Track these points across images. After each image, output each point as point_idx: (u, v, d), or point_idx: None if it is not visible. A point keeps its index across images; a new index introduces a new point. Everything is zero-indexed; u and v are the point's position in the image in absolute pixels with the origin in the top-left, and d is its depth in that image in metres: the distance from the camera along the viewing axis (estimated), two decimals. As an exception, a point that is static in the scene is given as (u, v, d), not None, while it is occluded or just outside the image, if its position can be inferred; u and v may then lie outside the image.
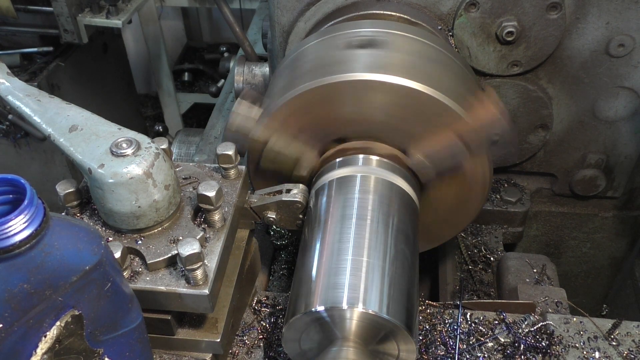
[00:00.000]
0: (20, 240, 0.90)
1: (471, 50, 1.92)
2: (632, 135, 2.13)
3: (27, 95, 1.40)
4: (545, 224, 2.44)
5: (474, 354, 1.56)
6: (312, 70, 1.57)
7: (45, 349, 1.00)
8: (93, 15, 3.81)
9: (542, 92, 2.02)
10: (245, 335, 1.62)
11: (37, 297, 0.95)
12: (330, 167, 1.58)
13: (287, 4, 1.92)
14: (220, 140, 2.89)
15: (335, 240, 1.38)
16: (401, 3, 1.87)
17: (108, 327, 1.12)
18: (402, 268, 1.37)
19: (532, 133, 2.11)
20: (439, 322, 1.65)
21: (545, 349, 1.55)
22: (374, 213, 1.43)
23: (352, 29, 1.68)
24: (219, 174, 1.53)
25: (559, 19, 1.83)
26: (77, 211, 1.42)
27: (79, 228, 1.04)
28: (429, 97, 1.46)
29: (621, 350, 1.54)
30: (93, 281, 1.04)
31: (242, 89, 2.25)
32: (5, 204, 0.98)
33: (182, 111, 5.84)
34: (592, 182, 2.25)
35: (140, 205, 1.29)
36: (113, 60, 4.71)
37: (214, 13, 6.04)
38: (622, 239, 2.45)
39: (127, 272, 1.30)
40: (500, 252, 2.12)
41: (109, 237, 1.35)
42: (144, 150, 1.28)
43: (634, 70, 1.97)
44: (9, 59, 3.85)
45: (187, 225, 1.38)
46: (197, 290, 1.28)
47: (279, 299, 1.71)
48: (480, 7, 1.82)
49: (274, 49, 2.05)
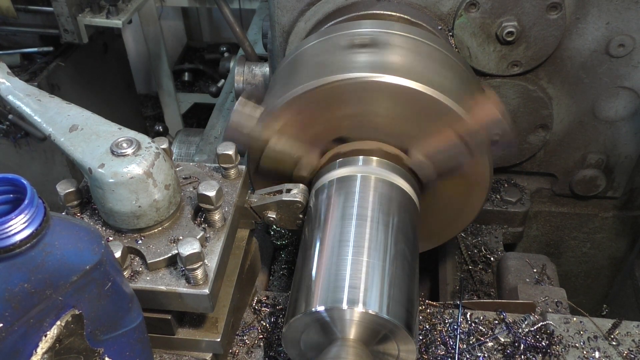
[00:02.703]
0: (20, 239, 0.90)
1: (471, 50, 1.92)
2: (632, 135, 2.13)
3: (27, 95, 1.40)
4: (545, 224, 2.44)
5: (474, 353, 1.56)
6: (312, 70, 1.57)
7: (46, 348, 1.00)
8: (93, 15, 3.81)
9: (542, 92, 2.02)
10: (245, 335, 1.62)
11: (37, 296, 0.95)
12: (331, 167, 1.58)
13: (288, 4, 1.92)
14: (221, 140, 2.89)
15: (336, 240, 1.38)
16: (401, 3, 1.87)
17: (108, 326, 1.12)
18: (402, 268, 1.37)
19: (532, 133, 2.11)
20: (439, 322, 1.65)
21: (545, 349, 1.55)
22: (374, 213, 1.43)
23: (353, 29, 1.68)
24: (219, 173, 1.53)
25: (559, 19, 1.83)
26: (78, 211, 1.42)
27: (79, 228, 1.04)
28: (429, 97, 1.46)
29: (621, 350, 1.54)
30: (93, 281, 1.04)
31: (242, 89, 2.25)
32: (5, 204, 0.98)
33: (182, 111, 5.84)
34: (592, 182, 2.25)
35: (140, 205, 1.29)
36: (113, 60, 4.71)
37: (214, 13, 6.04)
38: (622, 239, 2.45)
39: (127, 271, 1.30)
40: (500, 252, 2.12)
41: (109, 237, 1.35)
42: (144, 150, 1.28)
43: (634, 71, 1.97)
44: (9, 59, 3.85)
45: (187, 225, 1.38)
46: (197, 289, 1.28)
47: (279, 299, 1.71)
48: (481, 7, 1.83)
49: (274, 49, 2.05)
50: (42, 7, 3.78)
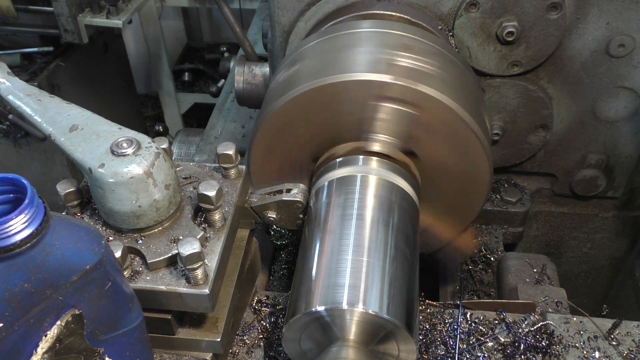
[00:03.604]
0: (20, 239, 0.90)
1: (471, 51, 1.92)
2: (632, 135, 2.13)
3: (27, 95, 1.40)
4: (545, 224, 2.44)
5: (474, 353, 1.56)
6: (312, 70, 1.57)
7: (46, 348, 1.00)
8: (93, 15, 3.81)
9: (542, 92, 2.02)
10: (245, 334, 1.62)
11: (37, 296, 0.96)
12: (331, 167, 1.58)
13: (288, 4, 1.92)
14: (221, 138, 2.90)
15: (336, 240, 1.38)
16: (401, 3, 1.87)
17: (108, 326, 1.12)
18: (402, 268, 1.37)
19: (532, 133, 2.11)
20: (439, 322, 1.65)
21: (545, 349, 1.55)
22: (374, 213, 1.43)
23: (353, 29, 1.68)
24: (219, 173, 1.53)
25: (559, 19, 1.83)
26: (78, 211, 1.43)
27: (80, 227, 1.04)
28: (430, 97, 1.46)
29: (621, 350, 1.54)
30: (93, 280, 1.04)
31: (242, 89, 2.25)
32: (5, 203, 0.98)
33: (182, 111, 5.84)
34: (592, 182, 2.25)
35: (140, 204, 1.29)
36: (113, 60, 4.71)
37: (214, 13, 6.04)
38: (622, 239, 2.45)
39: (127, 271, 1.30)
40: (500, 252, 2.12)
41: (109, 237, 1.36)
42: (145, 149, 1.28)
43: (634, 71, 1.97)
44: (9, 59, 3.86)
45: (187, 225, 1.38)
46: (197, 289, 1.28)
47: (279, 299, 1.71)
48: (481, 7, 1.82)
49: (274, 49, 2.05)
50: (42, 7, 3.78)
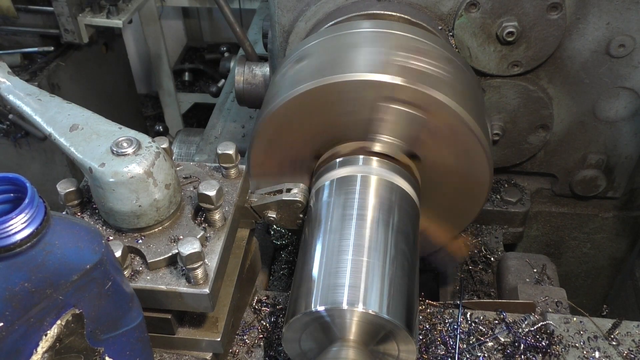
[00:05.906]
0: (21, 239, 0.90)
1: (471, 51, 1.92)
2: (632, 135, 2.13)
3: (27, 95, 1.40)
4: (545, 224, 2.44)
5: (474, 353, 1.56)
6: (312, 70, 1.57)
7: (46, 347, 1.00)
8: (93, 15, 3.81)
9: (542, 93, 2.02)
10: (245, 334, 1.62)
11: (37, 295, 0.96)
12: (331, 167, 1.58)
13: (288, 4, 1.92)
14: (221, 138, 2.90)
15: (336, 240, 1.38)
16: (402, 3, 1.87)
17: (109, 326, 1.12)
18: (402, 268, 1.37)
19: (532, 133, 2.11)
20: (439, 321, 1.65)
21: (545, 349, 1.55)
22: (374, 213, 1.43)
23: (353, 29, 1.68)
24: (219, 173, 1.53)
25: (560, 19, 1.83)
26: (78, 210, 1.42)
27: (80, 227, 1.04)
28: (439, 102, 1.46)
29: (621, 350, 1.54)
30: (94, 280, 1.04)
31: (242, 89, 2.25)
32: (6, 203, 0.98)
33: (183, 111, 5.85)
34: (592, 183, 2.25)
35: (140, 204, 1.29)
36: (113, 60, 4.71)
37: (214, 13, 6.05)
38: (622, 239, 2.45)
39: (127, 271, 1.30)
40: (500, 252, 2.12)
41: (109, 236, 1.36)
42: (145, 149, 1.28)
43: (634, 71, 1.97)
44: (9, 59, 3.86)
45: (187, 225, 1.38)
46: (197, 289, 1.28)
47: (279, 299, 1.71)
48: (481, 7, 1.83)
49: (275, 49, 2.05)
50: (42, 7, 3.78)
